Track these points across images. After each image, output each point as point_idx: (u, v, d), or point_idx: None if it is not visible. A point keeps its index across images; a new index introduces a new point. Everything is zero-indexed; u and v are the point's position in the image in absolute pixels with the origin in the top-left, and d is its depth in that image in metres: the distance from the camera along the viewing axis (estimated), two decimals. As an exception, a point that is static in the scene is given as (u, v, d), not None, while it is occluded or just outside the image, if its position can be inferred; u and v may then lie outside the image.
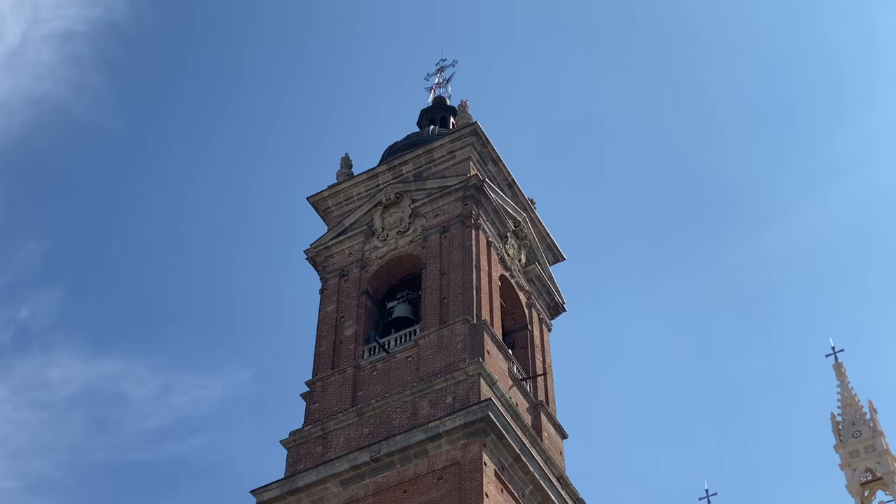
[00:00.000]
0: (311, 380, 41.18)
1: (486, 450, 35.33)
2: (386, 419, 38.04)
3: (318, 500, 36.85)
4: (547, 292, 46.86)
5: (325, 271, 44.93)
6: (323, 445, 38.46)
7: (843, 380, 31.56)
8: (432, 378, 38.22)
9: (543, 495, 37.34)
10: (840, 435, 30.16)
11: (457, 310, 40.25)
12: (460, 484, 34.70)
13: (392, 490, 35.90)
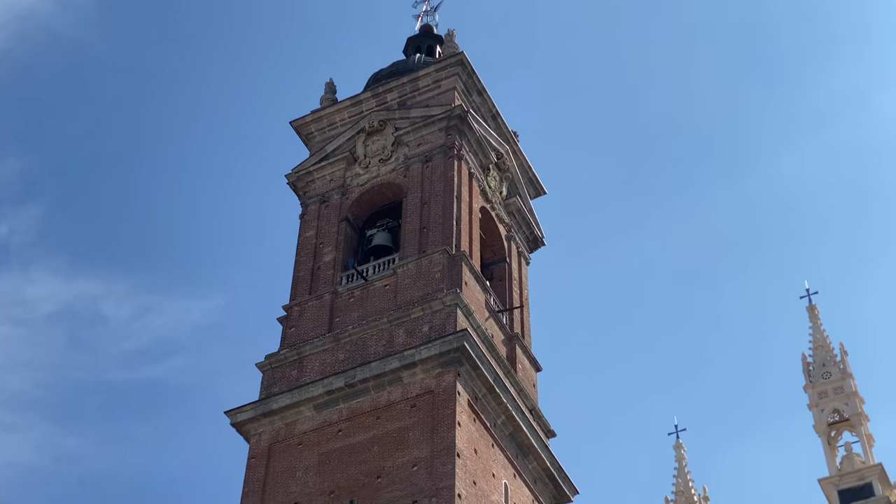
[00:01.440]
0: (288, 304, 41.29)
1: (460, 379, 35.61)
2: (362, 346, 38.24)
3: (292, 424, 37.15)
4: (527, 226, 46.94)
5: (305, 197, 44.84)
6: (298, 370, 38.68)
7: (815, 322, 31.84)
8: (409, 307, 38.37)
9: (515, 426, 37.73)
10: (810, 376, 30.51)
11: (436, 240, 40.31)
12: (433, 412, 35.02)
13: (365, 416, 36.22)
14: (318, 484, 35.20)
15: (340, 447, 35.79)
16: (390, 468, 34.46)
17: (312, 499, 34.92)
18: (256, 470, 36.51)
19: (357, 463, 35.12)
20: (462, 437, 34.36)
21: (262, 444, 37.17)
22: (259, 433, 37.45)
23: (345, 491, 34.56)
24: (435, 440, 34.26)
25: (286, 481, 35.80)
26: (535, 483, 38.62)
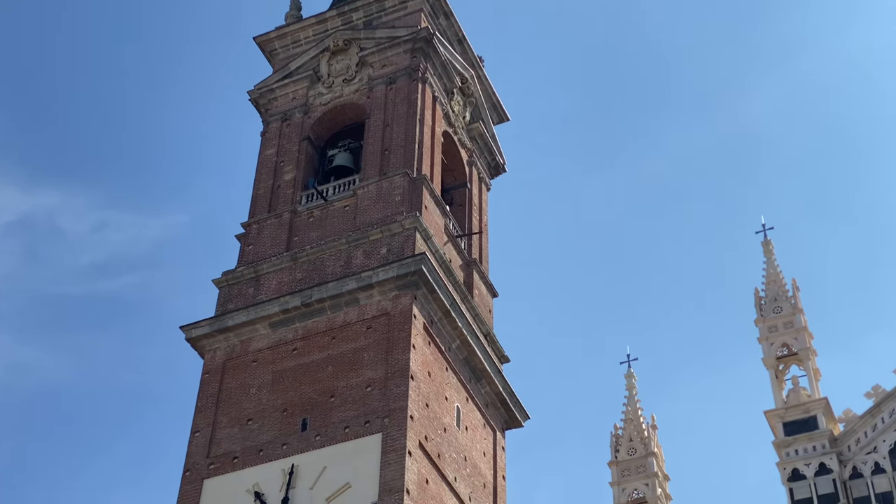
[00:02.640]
0: (246, 222, 41.11)
1: (417, 303, 35.77)
2: (319, 266, 38.23)
3: (247, 341, 37.23)
4: (489, 151, 46.88)
5: (267, 114, 44.43)
6: (255, 287, 38.66)
7: (769, 257, 32.17)
8: (368, 228, 38.35)
9: (470, 351, 38.04)
10: (761, 310, 30.87)
11: (397, 162, 40.19)
12: (389, 334, 35.20)
13: (321, 335, 36.35)
14: (272, 401, 35.39)
15: (295, 366, 35.95)
16: (344, 388, 34.69)
17: (265, 416, 35.14)
18: (210, 385, 36.63)
19: (311, 382, 35.31)
20: (416, 360, 34.61)
21: (216, 360, 37.25)
22: (214, 349, 37.51)
23: (298, 409, 34.79)
24: (389, 362, 34.49)
25: (239, 398, 35.97)
26: (487, 407, 39.06)
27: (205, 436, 35.30)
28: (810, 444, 28.34)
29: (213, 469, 34.46)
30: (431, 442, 34.03)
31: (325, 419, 34.11)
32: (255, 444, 34.45)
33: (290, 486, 32.78)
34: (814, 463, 28.08)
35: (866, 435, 28.44)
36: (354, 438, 33.17)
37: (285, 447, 33.92)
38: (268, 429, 34.74)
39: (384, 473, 31.87)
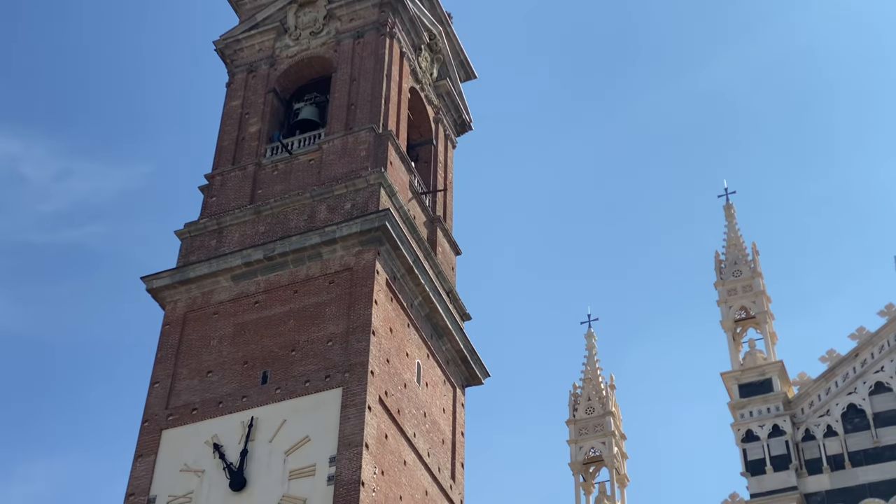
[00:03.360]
0: (210, 174, 40.87)
1: (380, 258, 35.78)
2: (283, 219, 38.11)
3: (209, 293, 37.14)
4: (455, 109, 46.77)
5: (233, 65, 44.05)
6: (217, 239, 38.50)
7: (731, 221, 32.36)
8: (333, 183, 38.23)
9: (432, 308, 38.15)
10: (721, 273, 31.12)
11: (363, 117, 40.02)
12: (351, 289, 35.22)
13: (283, 289, 36.32)
14: (232, 354, 35.39)
15: (256, 319, 35.93)
16: (305, 342, 34.73)
17: (225, 368, 35.14)
18: (170, 337, 36.55)
19: (272, 335, 35.32)
20: (378, 316, 34.68)
21: (177, 311, 37.15)
22: (175, 301, 37.40)
23: (258, 362, 34.82)
24: (351, 317, 34.54)
25: (200, 350, 35.93)
26: (448, 364, 39.25)
27: (164, 387, 35.28)
28: (765, 406, 28.71)
29: (172, 420, 34.48)
30: (391, 397, 34.19)
31: (285, 372, 34.16)
32: (215, 396, 34.48)
33: (249, 439, 32.86)
34: (767, 424, 28.47)
35: (820, 398, 28.84)
36: (314, 392, 33.26)
37: (245, 399, 33.97)
38: (228, 381, 34.77)
39: (343, 428, 32.01)
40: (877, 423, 27.73)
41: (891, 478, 26.76)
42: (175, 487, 32.86)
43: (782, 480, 27.41)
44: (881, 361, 28.61)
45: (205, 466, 32.93)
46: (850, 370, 28.86)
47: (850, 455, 27.47)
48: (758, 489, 27.46)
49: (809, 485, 27.33)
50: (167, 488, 32.94)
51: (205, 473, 32.79)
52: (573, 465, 29.57)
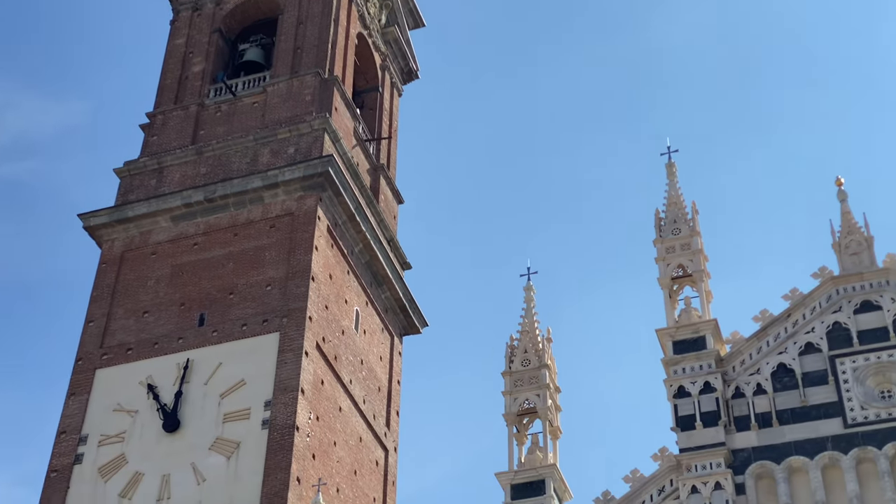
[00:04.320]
0: (151, 112, 40.30)
1: (322, 204, 35.63)
2: (225, 162, 37.76)
3: (147, 233, 36.77)
4: (402, 56, 46.47)
5: (177, 2, 43.31)
6: (157, 179, 38.06)
7: (672, 179, 32.50)
8: (276, 127, 37.91)
9: (372, 255, 38.11)
10: (660, 231, 31.30)
11: (309, 61, 39.62)
12: (292, 234, 35.08)
13: (223, 232, 36.07)
14: (169, 295, 35.14)
15: (195, 261, 35.67)
16: (244, 286, 34.59)
17: (162, 309, 34.90)
18: (107, 276, 36.18)
19: (210, 278, 35.12)
20: (318, 262, 34.59)
21: (114, 250, 36.76)
22: (112, 239, 36.98)
23: (196, 304, 34.62)
24: (291, 262, 34.45)
25: (136, 290, 35.62)
26: (387, 312, 39.31)
27: (99, 326, 34.97)
28: (697, 364, 29.06)
29: (106, 360, 34.22)
30: (329, 343, 34.22)
31: (222, 315, 34.02)
32: (151, 337, 34.25)
33: (184, 381, 32.75)
34: (699, 381, 28.84)
35: (751, 357, 29.25)
36: (252, 336, 33.21)
37: (181, 341, 33.81)
38: (164, 322, 34.55)
39: (280, 372, 32.02)
40: (805, 383, 28.22)
41: (816, 436, 27.30)
42: (107, 427, 32.69)
43: (711, 436, 27.85)
44: (812, 322, 29.09)
45: (138, 407, 32.78)
46: (781, 330, 29.30)
47: (777, 413, 27.96)
48: (687, 444, 27.88)
49: (737, 441, 27.82)
50: (99, 427, 32.76)
51: (138, 414, 32.65)
52: (507, 416, 29.77)
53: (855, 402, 27.73)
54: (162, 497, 30.73)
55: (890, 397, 27.67)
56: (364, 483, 34.80)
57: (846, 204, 31.34)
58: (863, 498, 26.35)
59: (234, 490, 30.19)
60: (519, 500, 28.36)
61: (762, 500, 27.15)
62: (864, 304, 29.22)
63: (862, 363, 28.28)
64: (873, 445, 26.90)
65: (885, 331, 28.53)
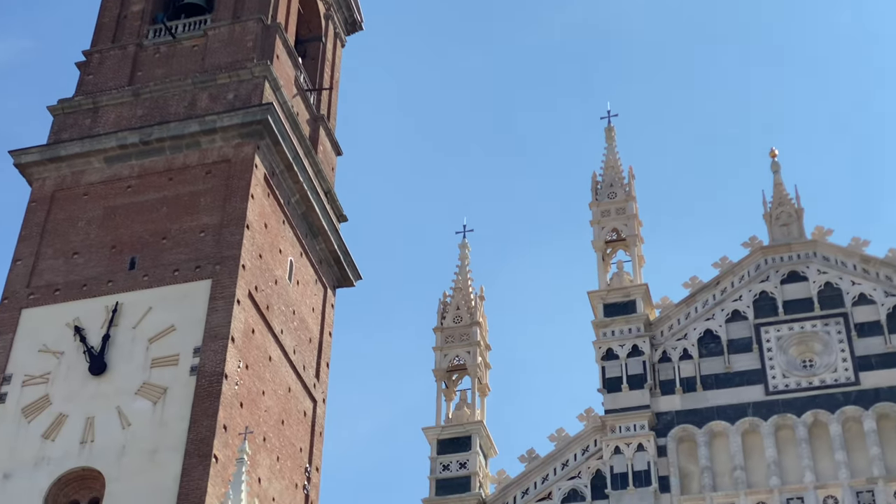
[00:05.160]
0: (88, 50, 39.54)
1: (259, 152, 35.34)
2: (162, 104, 37.23)
3: (80, 173, 36.21)
4: (347, 7, 46.02)
5: (119, -61, 42.36)
6: (92, 119, 37.43)
7: (611, 143, 32.68)
8: (216, 72, 37.44)
9: (308, 206, 37.92)
10: (596, 194, 31.54)
11: (252, 7, 39.10)
12: (228, 181, 34.78)
13: (158, 175, 35.65)
14: (100, 237, 34.70)
15: (128, 203, 35.23)
16: (177, 231, 34.28)
17: (92, 251, 34.47)
18: (36, 215, 35.61)
19: (143, 222, 34.74)
20: (254, 210, 34.35)
21: (45, 189, 36.16)
22: (43, 178, 36.36)
23: (127, 247, 34.24)
24: (226, 209, 34.18)
25: (67, 230, 35.11)
26: (321, 264, 39.21)
27: (27, 265, 34.45)
28: (626, 327, 29.41)
29: (33, 300, 33.75)
30: (261, 293, 34.07)
31: (154, 260, 33.70)
32: (79, 279, 33.84)
33: (112, 324, 32.44)
34: (627, 344, 29.21)
35: (679, 322, 29.67)
36: (183, 282, 32.96)
37: (111, 284, 33.45)
38: (94, 264, 34.13)
39: (210, 319, 31.85)
40: (730, 350, 28.72)
41: (738, 402, 27.84)
42: (32, 367, 32.31)
43: (636, 399, 28.28)
44: (740, 291, 29.56)
45: (64, 348, 32.43)
46: (710, 297, 29.75)
47: (702, 378, 28.43)
48: (612, 406, 28.28)
49: (662, 404, 28.27)
50: (24, 368, 32.37)
51: (64, 355, 32.31)
52: (437, 371, 29.96)
53: (777, 370, 28.31)
54: (85, 439, 30.51)
55: (811, 366, 28.26)
56: (291, 433, 34.83)
57: (779, 175, 31.81)
58: (780, 464, 26.96)
59: (160, 435, 30.06)
60: (445, 455, 28.61)
61: (683, 463, 27.68)
62: (791, 275, 29.77)
63: (786, 332, 28.84)
64: (793, 413, 27.50)
65: (810, 301, 29.11)
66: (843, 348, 28.17)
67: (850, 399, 27.33)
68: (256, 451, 31.77)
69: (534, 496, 27.94)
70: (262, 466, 32.33)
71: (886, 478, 26.03)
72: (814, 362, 28.35)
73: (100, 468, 29.97)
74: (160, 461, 29.61)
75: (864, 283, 28.99)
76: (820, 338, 28.54)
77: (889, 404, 26.97)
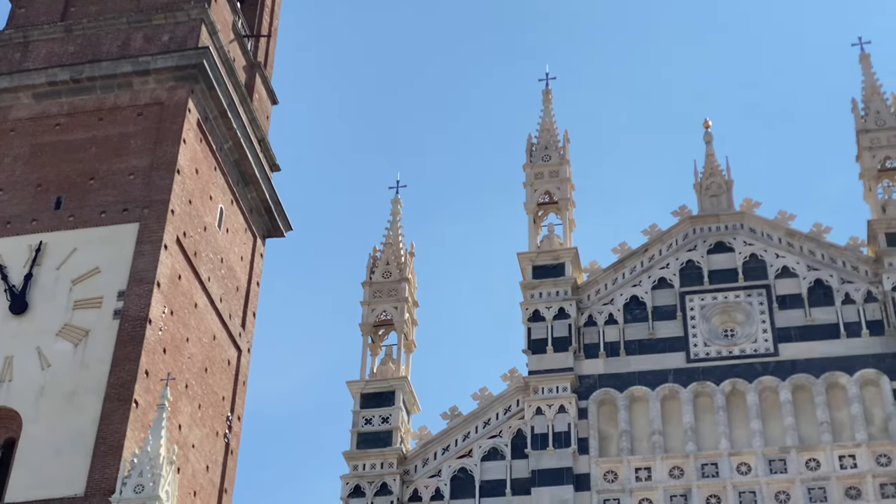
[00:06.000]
0: (20, -18, 38.60)
1: (193, 97, 34.85)
2: (95, 42, 36.50)
3: (7, 108, 35.42)
4: (289, -46, 45.41)
5: None
6: (22, 54, 36.59)
7: (547, 105, 32.73)
8: (152, 12, 36.79)
9: (241, 154, 37.51)
10: (531, 156, 31.61)
11: (192, -53, 38.36)
12: (160, 124, 34.32)
13: (87, 115, 35.03)
14: (26, 175, 34.03)
15: (56, 142, 34.57)
16: (105, 172, 33.77)
17: (17, 188, 33.81)
18: (-40, 148, 34.81)
19: (71, 161, 34.15)
20: (185, 155, 33.93)
21: (-29, 123, 35.31)
22: (-31, 111, 35.49)
23: (53, 186, 33.62)
24: (157, 153, 33.75)
25: (-8, 166, 34.39)
26: (252, 213, 38.87)
27: (-52, 200, 33.70)
28: (554, 290, 29.62)
29: (-45, 235, 33.06)
30: (189, 239, 33.72)
31: (81, 200, 33.16)
32: (3, 216, 33.22)
33: (35, 263, 31.91)
34: (554, 307, 29.41)
35: (606, 287, 29.92)
36: (110, 224, 32.54)
37: (35, 223, 32.87)
38: (18, 202, 33.49)
39: (136, 263, 31.50)
40: (655, 317, 29.06)
41: (659, 368, 28.21)
42: (-49, 304, 31.67)
43: (560, 361, 28.52)
44: (667, 259, 29.89)
45: (-16, 286, 31.84)
46: (638, 264, 30.03)
47: (626, 344, 28.76)
48: (536, 367, 28.51)
49: (585, 367, 28.56)
50: (-58, 304, 31.72)
51: (-16, 293, 31.71)
52: (363, 325, 29.93)
53: (699, 338, 28.74)
54: (3, 378, 30.07)
55: (732, 336, 28.74)
56: (214, 381, 34.64)
57: (711, 146, 32.13)
58: (697, 430, 27.43)
59: (80, 378, 29.72)
60: (368, 409, 28.65)
61: (603, 426, 28.03)
62: (718, 245, 30.16)
63: (710, 302, 29.27)
64: (712, 381, 27.96)
65: (735, 272, 29.55)
66: (763, 319, 28.67)
67: (769, 369, 27.86)
68: (178, 398, 31.56)
69: (454, 453, 28.13)
70: (184, 413, 32.13)
71: (799, 447, 26.64)
72: (735, 332, 28.83)
73: (17, 408, 29.58)
74: (79, 404, 29.31)
75: (788, 256, 29.49)
76: (742, 308, 29.01)
77: (805, 376, 27.55)
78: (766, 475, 26.37)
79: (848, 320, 28.22)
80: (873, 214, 29.46)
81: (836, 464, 26.29)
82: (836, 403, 27.31)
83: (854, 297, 28.47)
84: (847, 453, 26.40)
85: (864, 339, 27.84)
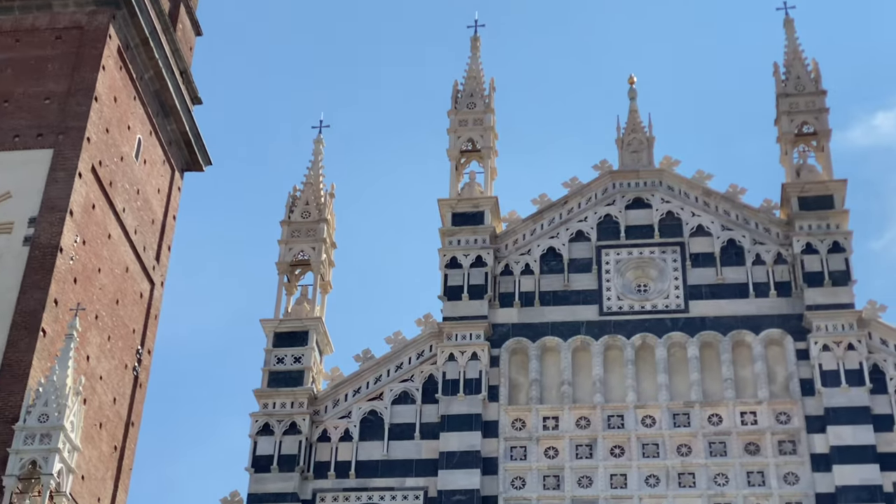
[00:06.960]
0: None
1: (115, 23, 34.05)
2: (13, -40, 35.32)
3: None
4: None
5: None
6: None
7: (475, 53, 32.63)
8: (75, -68, 35.67)
9: (162, 84, 36.79)
10: (456, 103, 31.53)
11: None
12: (79, 49, 33.50)
13: (4, 35, 34.08)
14: (-63, 93, 33.03)
15: (-31, 62, 33.54)
16: (21, 95, 32.96)
17: (-73, 107, 32.81)
18: None
19: (-15, 82, 33.16)
20: (104, 82, 33.19)
21: None
22: None
23: (-36, 120, 32.70)
24: (75, 78, 32.98)
25: None
26: (171, 145, 38.23)
27: None
28: (472, 237, 29.72)
29: None
30: (105, 168, 33.07)
31: (-6, 124, 32.30)
32: (-89, 135, 32.23)
33: (-57, 185, 31.07)
34: (472, 254, 29.54)
35: (524, 238, 30.12)
36: (23, 149, 31.81)
37: (-56, 144, 31.97)
38: (-73, 120, 32.51)
39: (49, 190, 30.85)
40: (571, 269, 29.37)
41: (572, 320, 28.57)
42: None
43: (475, 308, 28.73)
44: (586, 212, 30.15)
45: None
46: (556, 216, 30.25)
47: (541, 294, 29.05)
48: (451, 313, 28.69)
49: (499, 316, 28.81)
50: None
51: None
52: (280, 264, 29.77)
53: (613, 291, 29.12)
54: None
55: (645, 291, 29.17)
56: (125, 313, 34.20)
57: (634, 102, 32.34)
58: (606, 382, 27.88)
59: (-14, 305, 29.14)
60: (281, 348, 28.59)
61: (513, 374, 28.34)
62: (636, 201, 30.48)
63: (625, 256, 29.64)
64: (622, 334, 28.40)
65: (651, 228, 29.93)
66: (676, 276, 29.14)
67: (678, 325, 28.38)
68: (87, 329, 31.11)
69: (365, 395, 28.26)
70: (92, 344, 31.72)
71: (702, 402, 27.25)
72: (648, 287, 29.26)
73: (-82, 332, 28.94)
74: (-15, 331, 28.75)
75: (703, 215, 29.93)
76: (656, 264, 29.43)
77: (713, 333, 28.12)
78: (670, 428, 26.96)
79: (757, 280, 28.81)
80: (787, 178, 30.01)
81: (738, 420, 26.97)
82: (741, 361, 27.96)
83: (764, 258, 29.05)
84: (748, 409, 27.10)
85: (772, 299, 28.49)
